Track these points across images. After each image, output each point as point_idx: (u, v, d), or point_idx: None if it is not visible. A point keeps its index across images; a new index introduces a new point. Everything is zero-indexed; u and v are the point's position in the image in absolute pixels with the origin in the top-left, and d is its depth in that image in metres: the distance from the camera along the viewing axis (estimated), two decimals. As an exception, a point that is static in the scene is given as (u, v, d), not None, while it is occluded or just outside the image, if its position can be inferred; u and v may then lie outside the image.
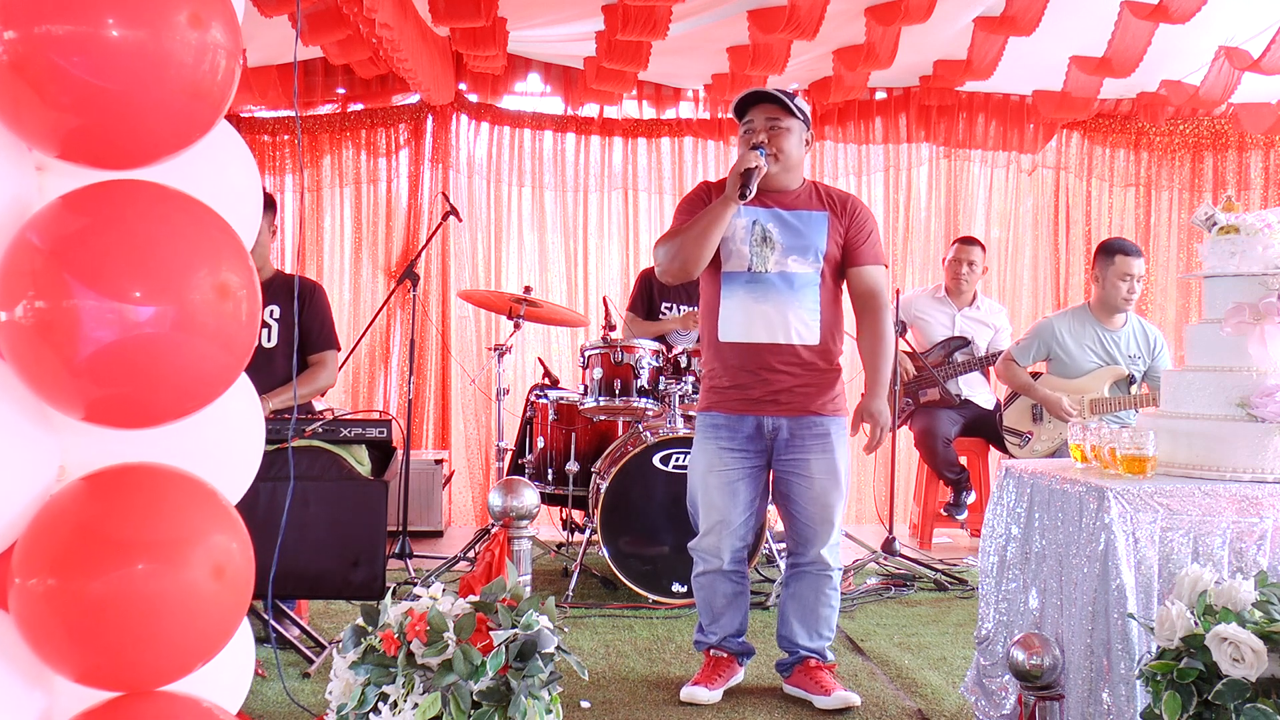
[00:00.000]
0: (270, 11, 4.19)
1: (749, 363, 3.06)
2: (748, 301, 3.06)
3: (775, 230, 3.06)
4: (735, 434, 3.10)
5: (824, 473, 3.08)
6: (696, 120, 6.45)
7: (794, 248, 3.05)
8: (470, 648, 1.95)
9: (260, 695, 3.07)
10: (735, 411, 3.10)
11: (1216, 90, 5.45)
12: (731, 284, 3.08)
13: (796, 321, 3.05)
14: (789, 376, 3.05)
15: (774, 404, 3.07)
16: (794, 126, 3.07)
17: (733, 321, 3.09)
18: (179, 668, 1.50)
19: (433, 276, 6.22)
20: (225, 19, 1.46)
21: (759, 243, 3.05)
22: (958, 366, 5.39)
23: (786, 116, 3.06)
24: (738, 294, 3.08)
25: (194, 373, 1.44)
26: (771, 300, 3.04)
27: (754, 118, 3.08)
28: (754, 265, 3.05)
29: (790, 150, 3.06)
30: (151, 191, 1.46)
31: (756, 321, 3.05)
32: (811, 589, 3.17)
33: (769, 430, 3.09)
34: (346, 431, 3.36)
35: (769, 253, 3.05)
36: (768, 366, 3.05)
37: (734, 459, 3.11)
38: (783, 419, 3.08)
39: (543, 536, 5.39)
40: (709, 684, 3.11)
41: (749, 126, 3.08)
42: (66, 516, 1.43)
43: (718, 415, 3.13)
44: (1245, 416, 2.45)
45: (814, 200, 3.12)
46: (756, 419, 3.09)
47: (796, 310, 3.05)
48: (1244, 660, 1.91)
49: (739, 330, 3.08)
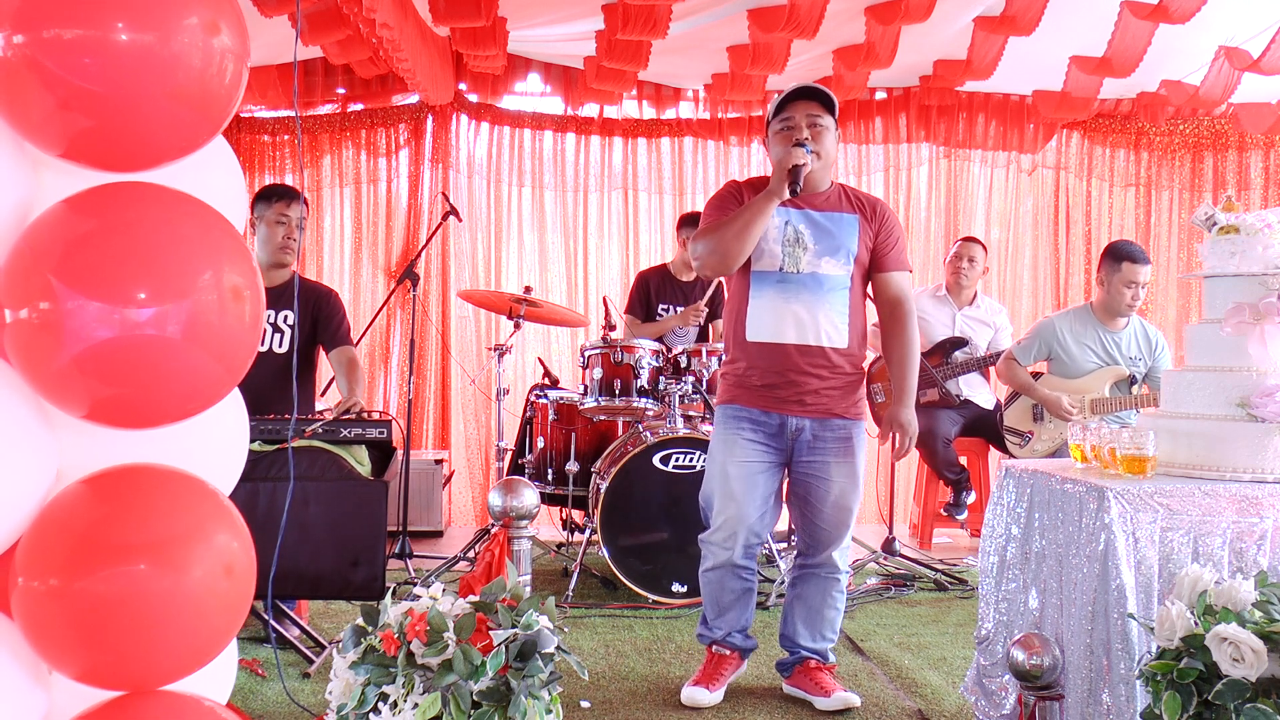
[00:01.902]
0: (270, 11, 4.20)
1: (777, 363, 3.04)
2: (778, 301, 3.04)
3: (807, 231, 3.04)
4: (760, 428, 3.08)
5: (845, 476, 3.07)
6: (696, 120, 6.45)
7: (826, 249, 3.03)
8: (470, 648, 1.95)
9: (260, 695, 3.07)
10: (761, 407, 3.08)
11: (1216, 90, 5.45)
12: (762, 283, 3.06)
13: (826, 324, 3.03)
14: (816, 379, 3.03)
15: (799, 404, 3.05)
16: (831, 124, 3.06)
17: (762, 321, 3.06)
18: (181, 667, 1.50)
19: (433, 276, 6.22)
20: (234, 23, 1.46)
21: (791, 243, 3.03)
22: (956, 366, 5.39)
23: (826, 114, 3.04)
24: (768, 293, 3.05)
25: (197, 374, 1.45)
26: (802, 301, 3.02)
27: (793, 114, 3.03)
28: (785, 265, 3.03)
29: (829, 148, 3.05)
30: (156, 194, 1.46)
31: (787, 322, 3.03)
32: (819, 591, 3.17)
33: (792, 430, 3.07)
34: (346, 432, 3.36)
35: (801, 253, 3.03)
36: (796, 368, 3.03)
37: (756, 450, 3.08)
38: (806, 420, 3.06)
39: (543, 536, 5.39)
40: (709, 684, 3.09)
41: (787, 123, 3.03)
42: (68, 517, 1.43)
43: (740, 408, 3.11)
44: (1245, 416, 2.45)
45: (844, 203, 3.11)
46: (781, 417, 3.07)
47: (827, 312, 3.03)
48: (1244, 660, 1.91)
49: (769, 330, 3.05)
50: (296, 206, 3.78)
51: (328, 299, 3.88)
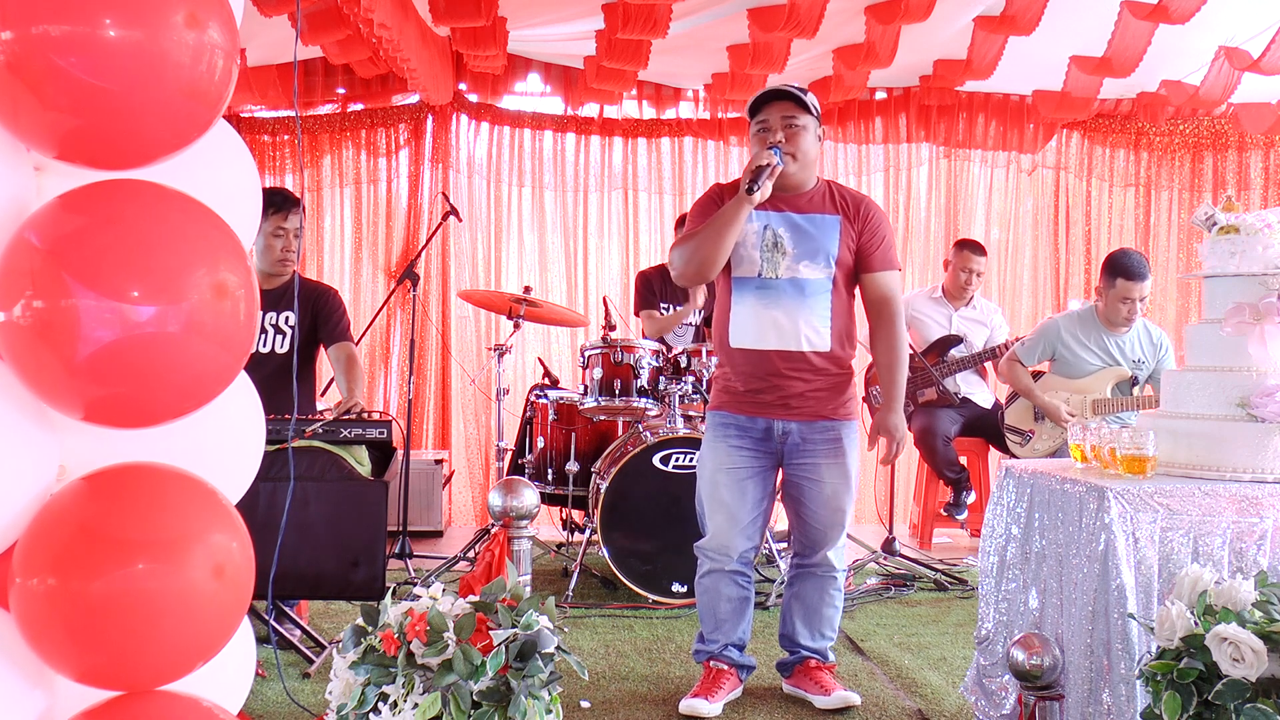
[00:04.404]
0: (270, 11, 4.20)
1: (760, 369, 3.04)
2: (758, 308, 3.03)
3: (786, 235, 3.03)
4: (745, 434, 3.08)
5: (836, 476, 3.07)
6: (696, 120, 6.45)
7: (805, 253, 3.02)
8: (470, 648, 1.95)
9: (260, 695, 3.07)
10: (746, 413, 3.08)
11: (1216, 90, 5.45)
12: (742, 290, 3.06)
13: (807, 328, 3.01)
14: (800, 383, 3.03)
15: (784, 409, 3.04)
16: (809, 124, 3.04)
17: (744, 328, 3.06)
18: (179, 667, 1.50)
19: (433, 276, 6.22)
20: (222, 19, 1.45)
21: (770, 248, 3.02)
22: (951, 365, 5.38)
23: (802, 114, 3.02)
24: (748, 300, 3.05)
25: (192, 372, 1.45)
26: (782, 307, 3.01)
27: (768, 116, 3.03)
28: (764, 271, 3.02)
29: (807, 148, 3.03)
30: (149, 191, 1.46)
31: (767, 328, 3.02)
32: (816, 590, 3.16)
33: (779, 433, 3.07)
34: (346, 432, 3.36)
35: (780, 258, 3.02)
36: (778, 373, 3.02)
37: (744, 457, 3.08)
38: (794, 423, 3.05)
39: (543, 536, 5.39)
40: (709, 696, 3.03)
41: (764, 125, 3.03)
42: (67, 516, 1.43)
43: (728, 415, 3.11)
44: (1245, 416, 2.45)
45: (827, 203, 3.08)
46: (768, 421, 3.07)
47: (808, 317, 3.01)
48: (1244, 660, 1.91)
49: (750, 337, 3.05)
50: (294, 217, 3.76)
51: (327, 296, 3.87)
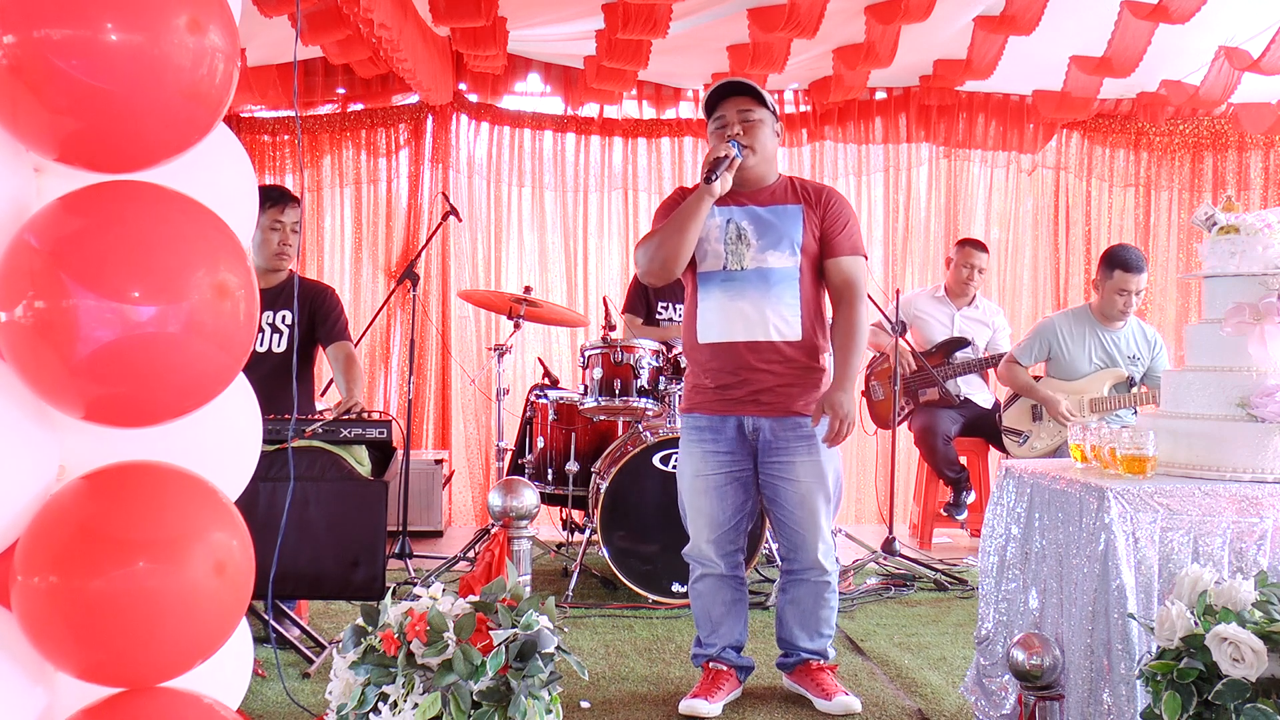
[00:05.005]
0: (270, 11, 4.20)
1: (729, 363, 3.02)
2: (724, 300, 3.02)
3: (750, 227, 3.02)
4: (719, 436, 3.06)
5: (809, 475, 3.02)
6: (696, 120, 6.44)
7: (770, 242, 3.01)
8: (470, 648, 1.95)
9: (260, 695, 3.07)
10: (716, 412, 3.06)
11: (1216, 90, 5.45)
12: (708, 284, 3.04)
13: (775, 317, 2.99)
14: (770, 375, 3.00)
15: (755, 404, 3.02)
16: (765, 118, 3.03)
17: (711, 322, 3.04)
18: (180, 664, 1.50)
19: (433, 276, 6.22)
20: (223, 22, 1.46)
21: (734, 240, 3.01)
22: (956, 367, 5.39)
23: (759, 108, 3.02)
24: (714, 293, 3.03)
25: (192, 372, 1.45)
26: (748, 297, 2.99)
27: (724, 112, 3.02)
28: (729, 264, 3.01)
29: (765, 141, 3.02)
30: (149, 192, 1.46)
31: (735, 320, 3.00)
32: (810, 595, 3.14)
33: (750, 431, 3.04)
34: (346, 432, 3.36)
35: (745, 250, 3.00)
36: (747, 365, 3.00)
37: (719, 462, 3.06)
38: (764, 420, 3.02)
39: (543, 536, 5.39)
40: (709, 696, 3.02)
41: (721, 120, 3.03)
42: (68, 514, 1.44)
43: (700, 417, 3.10)
44: (1245, 416, 2.45)
45: (789, 194, 3.08)
46: (738, 419, 3.04)
47: (775, 305, 2.99)
48: (1244, 660, 1.91)
49: (717, 330, 3.03)
50: (291, 211, 3.75)
51: (325, 295, 3.87)
